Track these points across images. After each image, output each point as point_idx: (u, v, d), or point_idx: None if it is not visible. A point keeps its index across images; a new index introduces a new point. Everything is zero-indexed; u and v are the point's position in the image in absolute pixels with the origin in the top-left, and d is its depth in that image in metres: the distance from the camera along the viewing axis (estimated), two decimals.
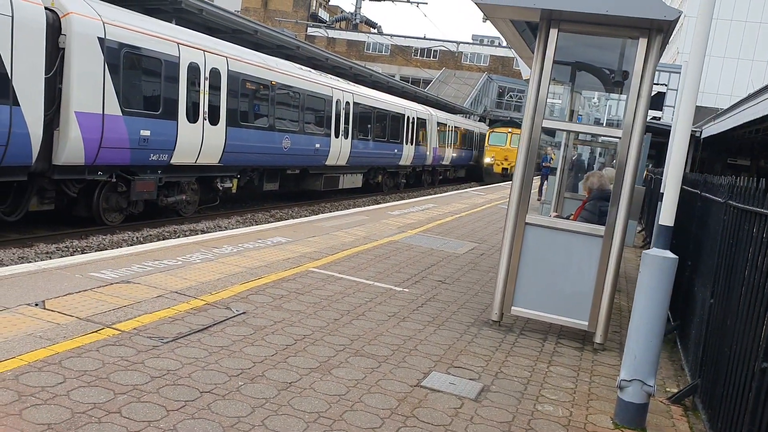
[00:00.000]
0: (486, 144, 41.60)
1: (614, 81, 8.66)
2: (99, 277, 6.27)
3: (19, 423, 3.39)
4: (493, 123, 47.90)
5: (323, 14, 74.90)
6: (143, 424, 3.56)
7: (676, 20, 5.37)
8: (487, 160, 41.01)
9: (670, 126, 12.71)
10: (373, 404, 4.24)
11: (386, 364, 4.99)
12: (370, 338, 5.55)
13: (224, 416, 3.79)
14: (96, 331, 4.84)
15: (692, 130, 22.87)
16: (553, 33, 5.88)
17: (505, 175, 38.83)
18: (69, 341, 4.59)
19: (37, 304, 5.25)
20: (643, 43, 5.72)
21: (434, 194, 26.72)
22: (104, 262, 6.92)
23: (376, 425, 3.95)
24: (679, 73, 26.48)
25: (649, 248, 4.61)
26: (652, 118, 20.57)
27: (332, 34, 69.95)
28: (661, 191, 4.54)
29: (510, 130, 40.86)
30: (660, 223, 4.41)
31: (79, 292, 5.76)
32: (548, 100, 6.09)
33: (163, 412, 3.74)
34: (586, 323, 6.08)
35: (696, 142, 23.30)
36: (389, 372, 4.84)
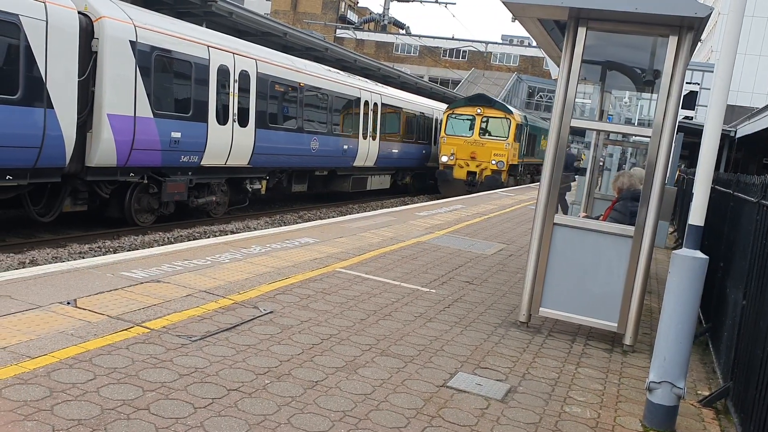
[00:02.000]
0: (442, 133, 27.04)
1: (645, 80, 8.55)
2: (130, 277, 6.36)
3: (51, 418, 3.46)
4: (453, 101, 31.08)
5: (352, 16, 75.09)
6: (171, 420, 3.61)
7: (707, 17, 5.28)
8: (442, 158, 26.47)
9: (703, 126, 12.52)
10: (398, 404, 4.24)
11: (412, 364, 4.98)
12: (397, 338, 5.56)
13: (251, 414, 3.82)
14: (126, 329, 4.92)
15: (726, 130, 22.42)
16: (582, 32, 5.82)
17: (473, 184, 26.09)
18: (100, 339, 4.66)
19: (69, 303, 5.35)
20: (673, 41, 5.64)
21: (463, 195, 26.60)
22: (135, 261, 7.02)
23: (401, 425, 3.94)
24: (712, 71, 26.01)
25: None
26: (684, 118, 20.28)
27: (361, 35, 70.14)
28: (693, 191, 4.48)
29: (479, 110, 26.42)
30: (690, 222, 4.35)
31: (110, 290, 5.85)
32: (578, 100, 6.03)
33: (191, 409, 3.78)
34: (616, 324, 6.00)
35: (730, 142, 22.88)
36: (415, 372, 4.83)
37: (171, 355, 4.54)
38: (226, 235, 13.11)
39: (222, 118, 14.32)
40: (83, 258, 10.35)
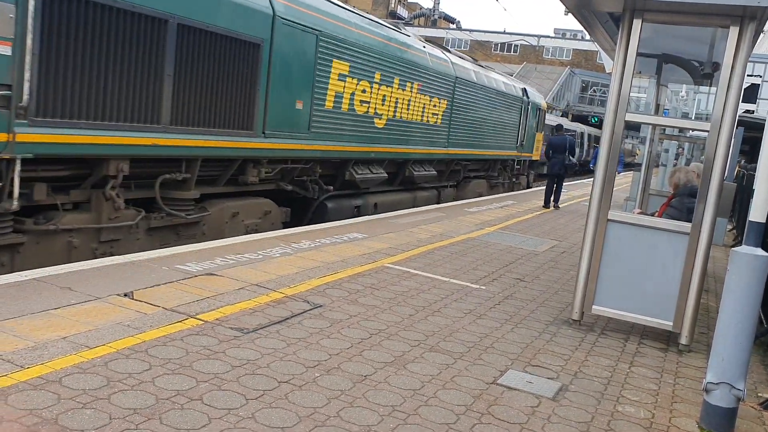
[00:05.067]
0: None
1: (703, 73, 8.31)
2: (184, 270, 6.50)
3: (108, 407, 3.56)
4: None
5: (402, 11, 75.10)
6: (223, 411, 3.67)
7: None
8: None
9: (765, 119, 12.13)
10: (447, 400, 4.22)
11: (462, 361, 4.96)
12: (446, 335, 5.54)
13: (301, 406, 3.86)
14: (180, 321, 5.02)
15: None
16: (637, 23, 5.69)
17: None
18: (155, 330, 4.77)
19: (126, 295, 5.49)
20: (734, 32, 5.46)
21: (514, 191, 26.31)
22: (189, 255, 7.16)
23: (450, 421, 3.93)
24: None
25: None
26: (744, 112, 19.62)
27: (411, 30, 69.97)
28: (754, 187, 4.34)
29: None
30: (750, 219, 4.21)
31: (166, 283, 5.98)
32: (633, 94, 5.91)
33: (243, 400, 3.84)
34: (671, 323, 5.86)
35: None
36: (465, 369, 4.81)
37: (224, 346, 4.62)
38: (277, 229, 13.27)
39: None
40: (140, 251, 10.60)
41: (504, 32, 71.53)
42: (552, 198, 16.49)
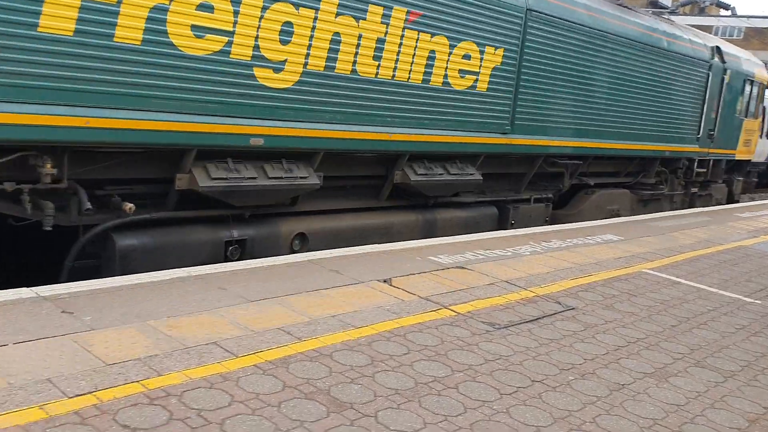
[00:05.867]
0: None
1: None
2: (436, 261, 6.71)
3: (373, 384, 3.80)
4: None
5: (665, 0, 70.10)
6: (478, 402, 3.73)
7: None
8: None
9: None
10: (716, 420, 3.87)
11: (733, 380, 4.51)
12: (714, 350, 5.07)
13: (555, 407, 3.79)
14: (434, 311, 5.20)
15: None
16: None
17: None
18: (411, 317, 5.00)
19: (385, 281, 5.82)
20: None
21: (695, 207, 23.30)
22: (441, 247, 7.38)
23: None
24: None
25: None
26: None
27: (675, 19, 64.92)
28: None
29: None
30: None
31: (420, 273, 6.23)
32: None
33: (497, 394, 3.87)
34: None
35: None
36: (736, 389, 4.37)
37: (476, 339, 4.70)
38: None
39: None
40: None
41: None
42: None
